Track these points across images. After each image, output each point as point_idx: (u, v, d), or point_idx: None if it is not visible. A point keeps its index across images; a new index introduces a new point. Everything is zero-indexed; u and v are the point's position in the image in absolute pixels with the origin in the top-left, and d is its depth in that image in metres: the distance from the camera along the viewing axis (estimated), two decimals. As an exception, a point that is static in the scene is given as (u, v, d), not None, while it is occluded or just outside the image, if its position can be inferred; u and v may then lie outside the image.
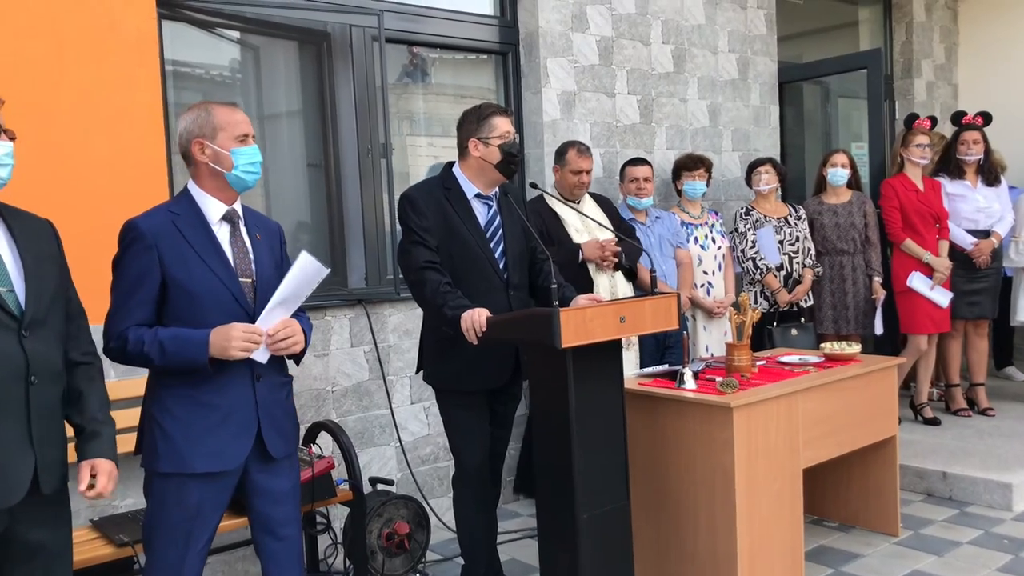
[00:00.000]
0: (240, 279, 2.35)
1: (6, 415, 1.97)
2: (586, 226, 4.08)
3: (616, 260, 4.01)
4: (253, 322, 2.32)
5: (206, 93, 3.92)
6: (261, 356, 2.35)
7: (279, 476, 2.46)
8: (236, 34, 3.99)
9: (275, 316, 2.35)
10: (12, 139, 2.08)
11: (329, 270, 2.41)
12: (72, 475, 2.16)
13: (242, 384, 2.35)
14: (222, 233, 2.38)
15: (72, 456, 2.18)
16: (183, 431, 2.30)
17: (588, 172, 4.11)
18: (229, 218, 2.40)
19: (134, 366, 2.37)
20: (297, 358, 2.50)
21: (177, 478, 2.31)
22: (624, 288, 4.12)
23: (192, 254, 2.30)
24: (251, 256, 2.40)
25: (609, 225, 4.06)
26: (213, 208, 2.38)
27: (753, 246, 4.85)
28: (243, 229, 2.43)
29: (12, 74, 2.97)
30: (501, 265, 3.05)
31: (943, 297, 5.05)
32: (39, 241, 2.13)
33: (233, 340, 2.24)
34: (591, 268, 4.00)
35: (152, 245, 2.27)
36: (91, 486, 2.11)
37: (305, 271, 2.34)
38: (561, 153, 4.17)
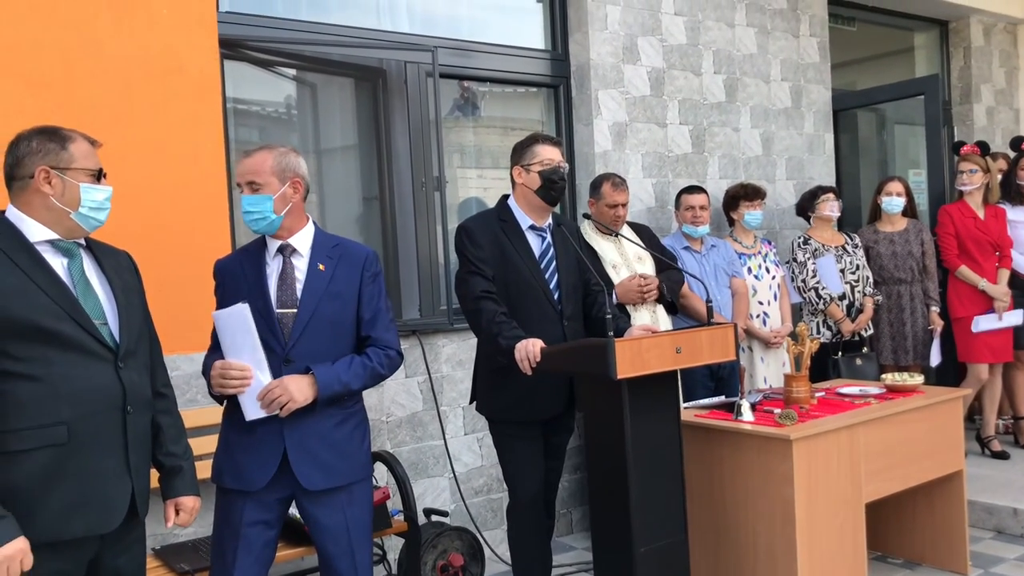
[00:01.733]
0: (278, 310, 2.44)
1: (106, 445, 2.05)
2: (625, 260, 4.03)
3: (657, 293, 3.93)
4: (284, 352, 2.41)
5: (265, 130, 4.03)
6: (256, 412, 2.38)
7: (325, 508, 2.47)
8: (294, 72, 4.11)
9: (258, 380, 2.37)
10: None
11: (247, 304, 2.37)
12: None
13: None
14: (274, 266, 2.50)
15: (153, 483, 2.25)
16: (224, 448, 2.51)
17: (624, 205, 4.02)
18: (282, 251, 2.51)
19: None
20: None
21: (223, 491, 2.48)
22: (666, 323, 4.03)
23: (244, 288, 2.46)
24: (297, 287, 2.47)
25: (646, 254, 3.99)
26: (272, 243, 2.52)
27: (814, 276, 4.77)
28: (297, 261, 2.50)
29: (86, 115, 3.09)
30: (556, 296, 3.06)
31: (1016, 318, 4.94)
32: (124, 274, 2.23)
33: (213, 378, 2.40)
34: (629, 308, 3.91)
35: (220, 283, 2.57)
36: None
37: (228, 326, 2.37)
38: (596, 187, 4.08)
